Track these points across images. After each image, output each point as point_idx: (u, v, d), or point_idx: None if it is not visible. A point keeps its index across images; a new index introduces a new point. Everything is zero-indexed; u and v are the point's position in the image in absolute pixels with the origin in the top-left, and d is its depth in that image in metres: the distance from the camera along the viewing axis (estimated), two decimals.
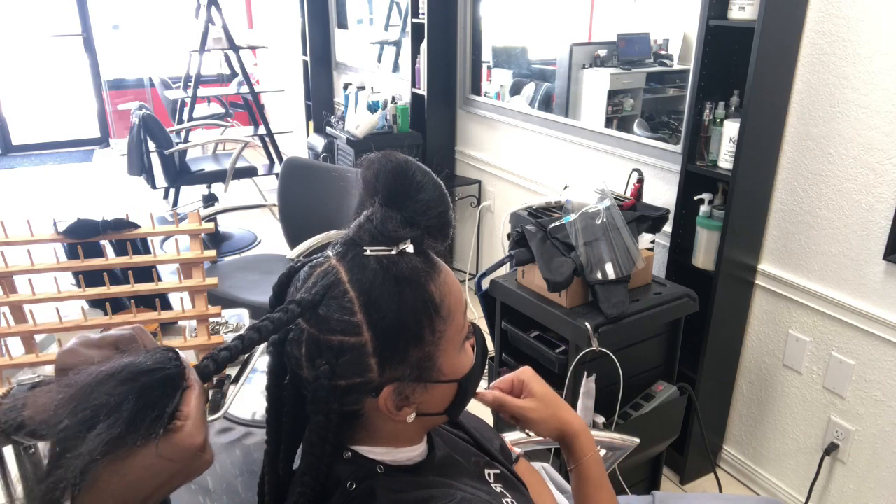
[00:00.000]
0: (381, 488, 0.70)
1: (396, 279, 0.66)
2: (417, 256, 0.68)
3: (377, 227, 0.67)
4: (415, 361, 0.68)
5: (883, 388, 1.79)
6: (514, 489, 0.85)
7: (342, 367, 0.66)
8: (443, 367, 0.71)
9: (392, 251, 0.67)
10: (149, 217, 1.50)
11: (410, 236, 0.68)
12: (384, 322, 0.65)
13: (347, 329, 0.65)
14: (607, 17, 2.93)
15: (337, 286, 0.66)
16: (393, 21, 4.20)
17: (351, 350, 0.65)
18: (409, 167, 0.69)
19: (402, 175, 0.68)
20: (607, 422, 1.85)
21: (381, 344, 0.66)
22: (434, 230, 0.69)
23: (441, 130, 3.47)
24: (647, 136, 2.39)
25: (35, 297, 1.41)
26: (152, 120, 3.74)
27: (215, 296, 2.30)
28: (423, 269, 0.68)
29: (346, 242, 0.69)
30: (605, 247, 1.80)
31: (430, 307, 0.68)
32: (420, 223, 0.68)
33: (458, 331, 0.72)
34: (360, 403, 0.70)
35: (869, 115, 1.69)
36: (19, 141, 6.39)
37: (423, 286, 0.67)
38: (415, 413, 0.72)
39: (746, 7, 1.75)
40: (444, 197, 0.70)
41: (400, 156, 0.69)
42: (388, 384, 0.68)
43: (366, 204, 0.70)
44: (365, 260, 0.67)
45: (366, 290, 0.65)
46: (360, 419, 0.72)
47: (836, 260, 1.83)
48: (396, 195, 0.68)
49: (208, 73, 5.26)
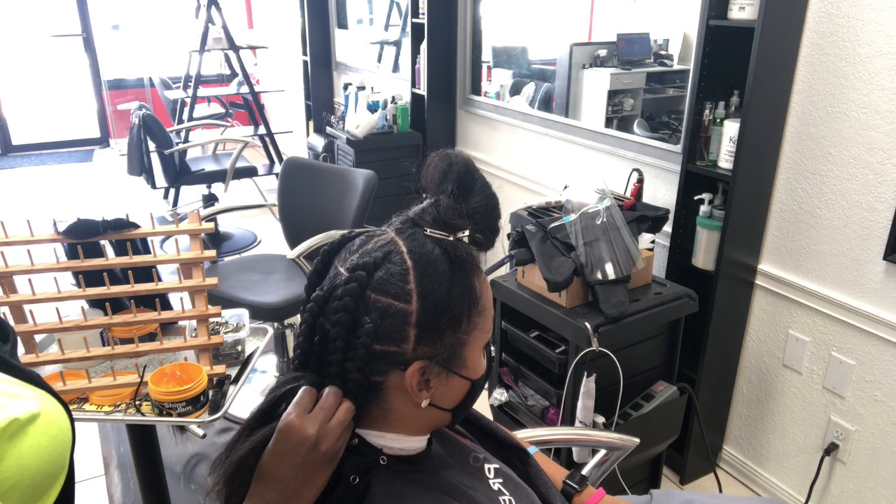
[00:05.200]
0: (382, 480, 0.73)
1: (451, 261, 0.71)
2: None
3: (442, 213, 0.72)
4: (447, 345, 0.72)
5: (883, 388, 1.79)
6: (513, 485, 0.86)
7: (383, 331, 0.69)
8: (467, 360, 0.75)
9: (450, 237, 0.73)
10: (149, 217, 1.50)
11: (468, 228, 0.74)
12: (433, 296, 0.70)
13: (399, 294, 0.69)
14: (607, 17, 2.93)
15: (396, 253, 0.71)
16: (393, 21, 4.20)
17: (396, 315, 0.69)
18: (477, 169, 0.76)
19: (471, 173, 0.75)
20: (607, 422, 1.85)
21: (425, 317, 0.70)
22: (485, 232, 0.75)
23: (441, 130, 3.47)
24: (647, 136, 2.39)
25: (35, 297, 1.41)
26: (152, 120, 3.74)
27: (215, 296, 2.30)
28: (473, 261, 0.74)
29: (405, 221, 0.74)
30: (605, 247, 1.80)
31: (473, 297, 0.73)
32: (476, 221, 0.74)
33: (486, 331, 0.77)
34: (386, 375, 0.72)
35: (869, 115, 1.69)
36: (19, 141, 6.39)
37: (469, 276, 0.73)
38: (429, 400, 0.74)
39: (746, 7, 1.75)
40: (498, 206, 0.77)
41: (468, 157, 0.76)
42: (419, 360, 0.71)
43: (429, 191, 0.75)
44: (423, 239, 0.72)
45: (422, 263, 0.70)
46: (379, 394, 0.74)
47: (836, 260, 1.83)
48: (463, 189, 0.74)
49: (208, 73, 5.26)
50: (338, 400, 0.70)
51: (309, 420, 0.68)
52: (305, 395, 0.70)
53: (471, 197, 0.74)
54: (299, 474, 0.68)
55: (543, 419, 1.98)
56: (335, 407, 0.70)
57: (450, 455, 0.83)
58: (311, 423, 0.68)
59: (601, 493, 1.05)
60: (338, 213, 2.53)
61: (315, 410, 0.69)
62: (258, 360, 1.59)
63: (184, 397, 1.34)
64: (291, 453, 0.68)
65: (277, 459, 0.69)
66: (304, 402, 0.70)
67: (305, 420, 0.68)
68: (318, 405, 0.70)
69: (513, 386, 2.09)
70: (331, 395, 0.70)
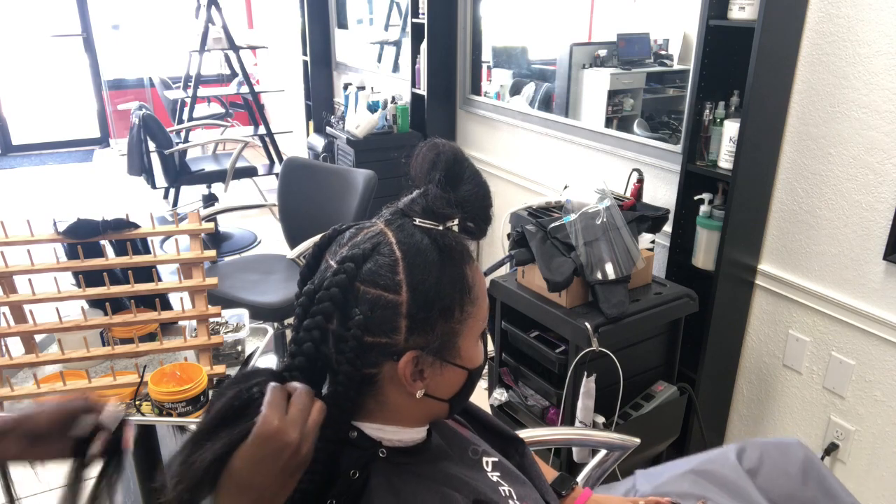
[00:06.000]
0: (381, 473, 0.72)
1: (440, 251, 0.71)
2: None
3: (430, 202, 0.72)
4: (440, 334, 0.71)
5: (883, 388, 1.79)
6: (512, 477, 0.86)
7: (374, 322, 0.69)
8: (461, 350, 0.74)
9: (439, 227, 0.72)
10: (149, 217, 1.50)
11: (458, 217, 0.73)
12: (423, 286, 0.69)
13: (388, 286, 0.69)
14: (607, 17, 2.93)
15: (385, 245, 0.71)
16: (393, 21, 4.20)
17: (386, 306, 0.69)
18: (466, 158, 0.75)
19: (460, 162, 0.74)
20: (607, 422, 1.85)
21: (415, 307, 0.69)
22: (477, 220, 0.75)
23: (441, 130, 3.46)
24: (647, 136, 2.39)
25: (35, 297, 1.41)
26: (152, 120, 3.74)
27: (215, 296, 2.30)
28: (464, 249, 0.74)
29: (395, 212, 0.74)
30: (605, 247, 1.80)
31: (464, 286, 0.73)
32: (466, 210, 0.73)
33: (481, 320, 0.76)
34: (379, 367, 0.72)
35: (869, 115, 1.69)
36: (19, 141, 6.39)
37: (460, 265, 0.73)
38: (424, 391, 0.74)
39: (746, 7, 1.75)
40: (489, 194, 0.76)
41: (457, 146, 0.75)
42: (411, 350, 0.70)
43: (418, 182, 0.75)
44: (412, 229, 0.72)
45: (411, 253, 0.70)
46: (374, 386, 0.73)
47: (836, 260, 1.83)
48: (452, 178, 0.73)
49: (208, 73, 5.26)
50: (311, 398, 0.68)
51: (290, 424, 0.65)
52: (278, 395, 0.66)
53: (460, 186, 0.73)
54: (277, 481, 0.65)
55: (543, 419, 1.98)
56: (311, 406, 0.67)
57: (449, 446, 0.83)
58: (292, 427, 0.64)
59: (588, 492, 1.05)
60: (338, 213, 2.53)
61: (293, 412, 0.65)
62: (258, 360, 1.59)
63: (184, 397, 1.34)
64: (271, 459, 0.64)
65: (255, 466, 0.64)
66: (278, 402, 0.65)
67: (286, 423, 0.64)
68: (294, 406, 0.66)
69: (513, 386, 2.09)
70: (304, 394, 0.67)
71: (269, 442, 0.64)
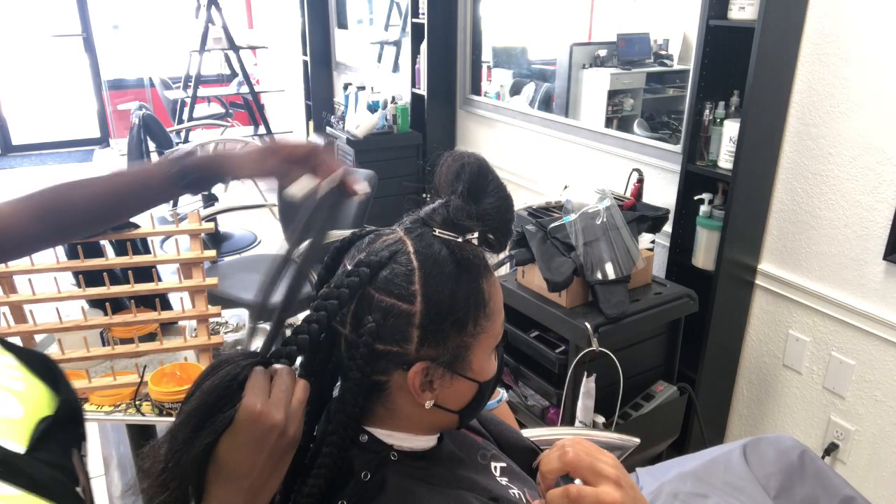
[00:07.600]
0: (393, 477, 0.72)
1: (458, 263, 0.70)
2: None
3: (451, 214, 0.71)
4: (452, 347, 0.71)
5: (883, 388, 1.79)
6: (520, 481, 0.86)
7: (386, 330, 0.68)
8: (473, 363, 0.73)
9: (458, 239, 0.72)
10: (149, 217, 1.50)
11: (478, 230, 0.72)
12: (437, 298, 0.69)
13: (402, 295, 0.68)
14: (607, 17, 2.93)
15: (402, 254, 0.70)
16: (393, 21, 4.20)
17: (399, 316, 0.68)
18: (491, 170, 0.73)
19: (484, 175, 0.72)
20: (607, 422, 1.85)
21: (428, 318, 0.69)
22: (497, 234, 0.73)
23: (441, 130, 3.46)
24: (647, 136, 2.39)
25: (35, 297, 1.41)
26: (152, 120, 3.74)
27: (215, 296, 2.30)
28: (482, 263, 0.73)
29: (415, 221, 0.73)
30: (605, 247, 1.80)
31: (480, 300, 0.72)
32: (487, 223, 0.72)
33: (495, 335, 0.75)
34: (389, 374, 0.72)
35: (869, 115, 1.69)
36: (19, 141, 6.39)
37: (477, 279, 0.72)
38: (434, 401, 0.73)
39: (746, 7, 1.75)
40: (512, 207, 0.74)
41: (482, 158, 0.74)
42: (421, 361, 0.70)
43: (440, 192, 0.74)
44: (432, 239, 0.71)
45: (428, 264, 0.69)
46: (383, 393, 0.73)
47: (836, 260, 1.83)
48: (475, 191, 0.72)
49: (208, 73, 5.25)
50: (293, 378, 0.66)
51: (273, 405, 0.62)
52: (260, 378, 0.64)
53: (483, 198, 0.72)
54: (267, 465, 0.63)
55: (543, 419, 1.98)
56: (293, 387, 0.65)
57: (459, 450, 0.83)
58: (276, 408, 0.62)
59: None
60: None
61: (275, 393, 0.63)
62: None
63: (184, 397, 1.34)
64: (258, 444, 0.62)
65: (240, 453, 0.62)
66: (260, 385, 0.63)
67: (270, 406, 0.62)
68: (277, 387, 0.64)
69: (513, 386, 2.09)
70: (285, 374, 0.65)
71: (253, 426, 0.61)
